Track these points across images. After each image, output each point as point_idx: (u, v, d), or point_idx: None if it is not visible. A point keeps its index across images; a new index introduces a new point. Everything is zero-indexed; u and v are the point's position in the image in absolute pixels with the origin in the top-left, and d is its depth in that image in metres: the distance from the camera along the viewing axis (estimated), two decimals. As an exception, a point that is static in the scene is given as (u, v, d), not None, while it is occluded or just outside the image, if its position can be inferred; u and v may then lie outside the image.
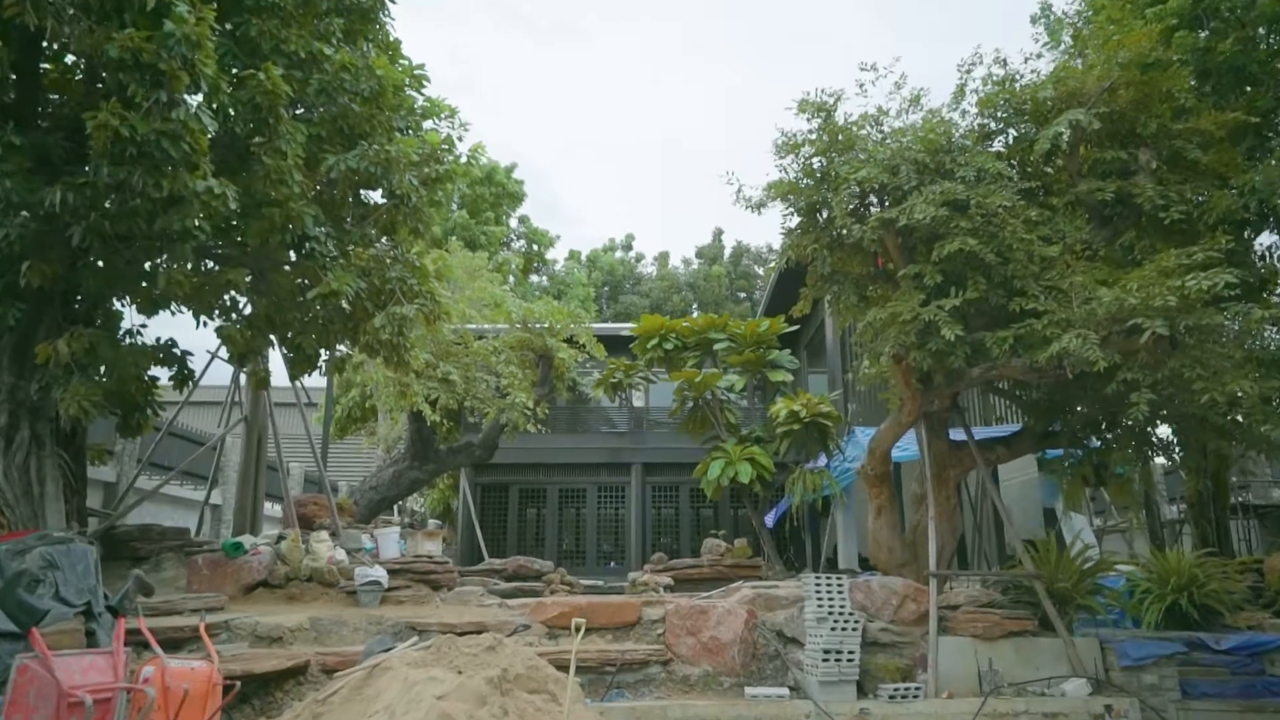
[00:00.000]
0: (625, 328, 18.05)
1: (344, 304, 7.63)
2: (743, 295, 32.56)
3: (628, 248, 36.18)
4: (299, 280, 8.11)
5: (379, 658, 5.46)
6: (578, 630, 5.48)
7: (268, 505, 14.53)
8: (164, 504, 13.11)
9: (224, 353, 9.54)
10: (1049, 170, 8.26)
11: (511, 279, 27.36)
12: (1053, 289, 7.10)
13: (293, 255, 8.12)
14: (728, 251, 35.61)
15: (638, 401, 19.21)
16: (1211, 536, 10.73)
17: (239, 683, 5.12)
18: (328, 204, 8.00)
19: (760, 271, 34.19)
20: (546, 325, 15.27)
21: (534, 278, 30.11)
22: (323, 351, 9.19)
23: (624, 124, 75.13)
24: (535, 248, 30.58)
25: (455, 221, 26.84)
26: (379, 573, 8.44)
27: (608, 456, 19.12)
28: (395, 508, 19.56)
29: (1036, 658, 7.40)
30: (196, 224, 6.43)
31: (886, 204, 7.66)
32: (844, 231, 8.18)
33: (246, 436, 11.62)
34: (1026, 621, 7.50)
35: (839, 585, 7.33)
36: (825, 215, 8.59)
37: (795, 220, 8.83)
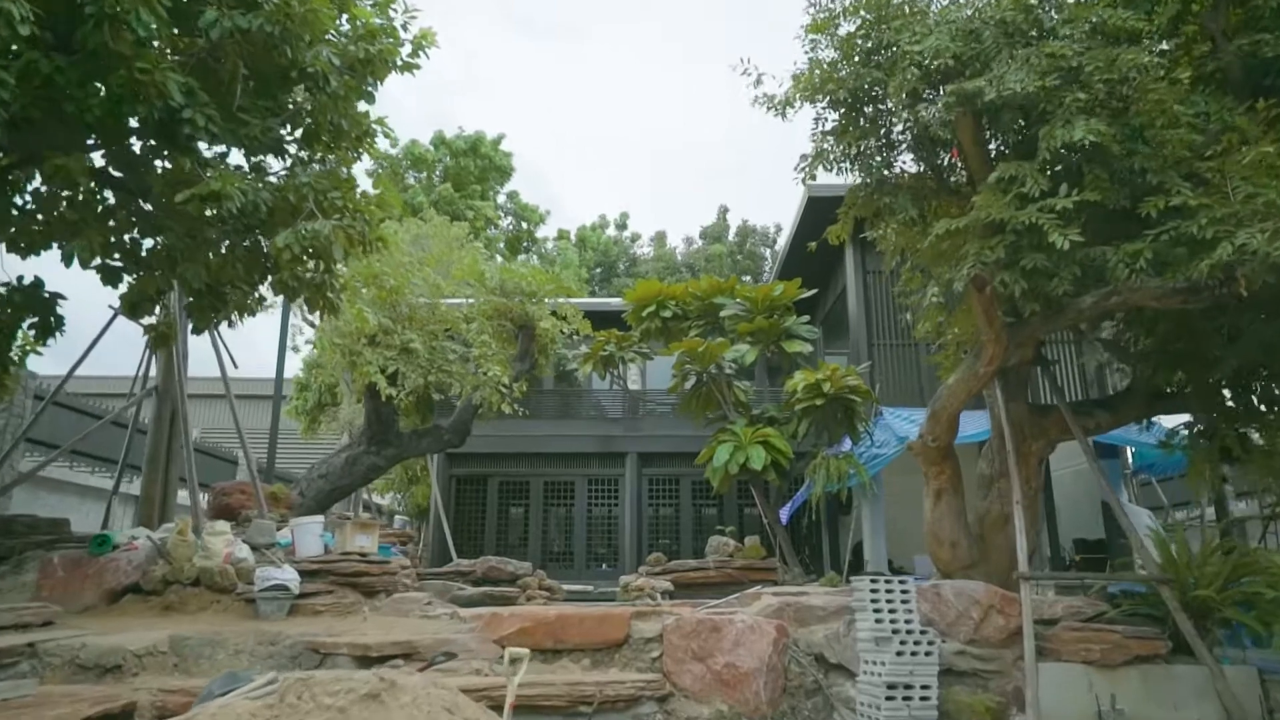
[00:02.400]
0: (616, 302, 16.00)
1: (233, 209, 5.66)
2: (748, 279, 30.43)
3: (622, 226, 33.95)
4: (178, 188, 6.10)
5: (208, 705, 3.44)
6: (514, 663, 3.46)
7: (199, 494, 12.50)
8: (70, 494, 11.08)
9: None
10: (1167, 47, 6.25)
11: (499, 259, 25.39)
12: (1199, 179, 5.12)
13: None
14: (733, 232, 33.44)
15: (633, 383, 17.12)
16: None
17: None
18: (216, 87, 5.97)
19: (768, 254, 32.07)
20: (528, 290, 13.19)
21: (522, 257, 27.99)
22: (228, 295, 7.22)
23: (624, 124, 72.95)
24: (524, 225, 28.47)
25: (439, 194, 24.83)
26: (287, 574, 6.43)
27: (599, 445, 17.01)
28: (360, 502, 17.49)
29: (1172, 692, 5.39)
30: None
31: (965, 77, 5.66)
32: (900, 125, 6.22)
33: (157, 410, 9.59)
34: (1157, 642, 5.48)
35: (903, 592, 5.32)
36: (872, 110, 6.60)
37: (831, 121, 6.83)
